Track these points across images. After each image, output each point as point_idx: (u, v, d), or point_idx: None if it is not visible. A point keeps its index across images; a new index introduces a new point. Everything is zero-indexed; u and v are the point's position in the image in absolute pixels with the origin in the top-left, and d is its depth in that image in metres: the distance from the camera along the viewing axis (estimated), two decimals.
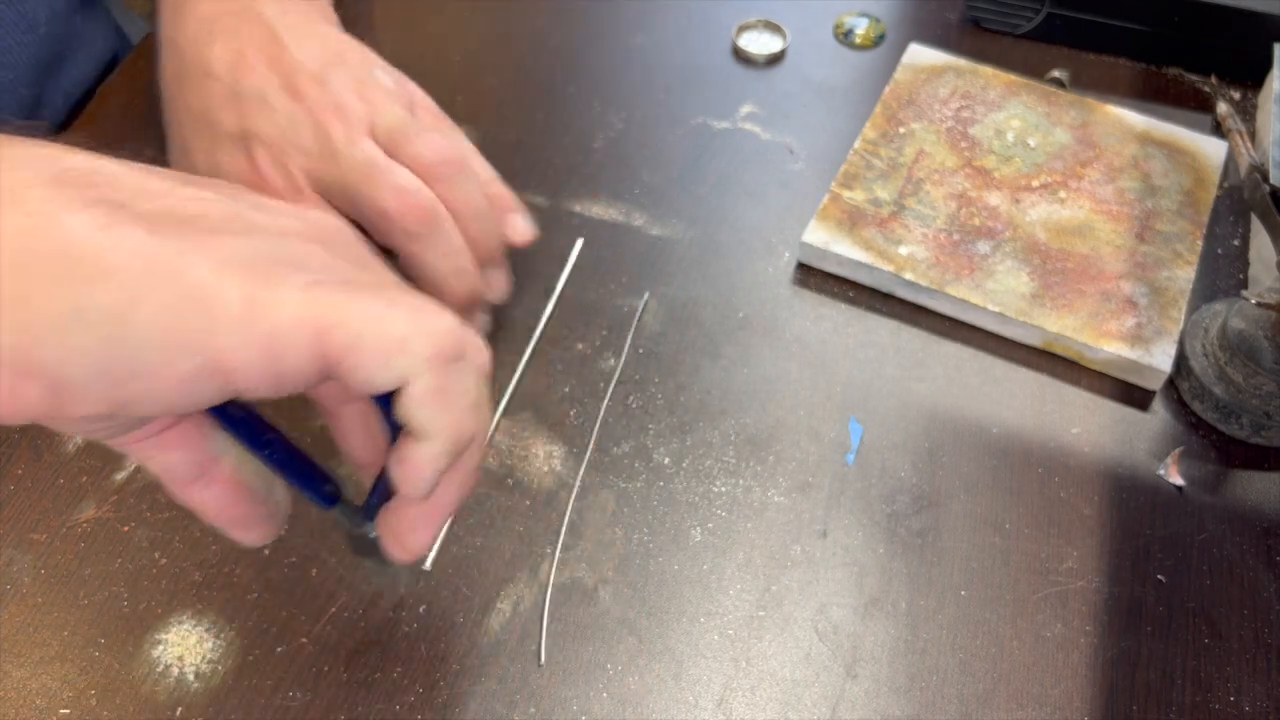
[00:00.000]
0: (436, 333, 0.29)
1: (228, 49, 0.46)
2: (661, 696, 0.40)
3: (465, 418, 0.30)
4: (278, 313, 0.27)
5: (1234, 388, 0.46)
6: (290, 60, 0.46)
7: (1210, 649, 0.42)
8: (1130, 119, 0.57)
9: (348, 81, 0.46)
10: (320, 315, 0.27)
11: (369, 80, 0.46)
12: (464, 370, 0.30)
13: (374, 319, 0.28)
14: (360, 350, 0.28)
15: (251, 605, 0.41)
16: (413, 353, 0.28)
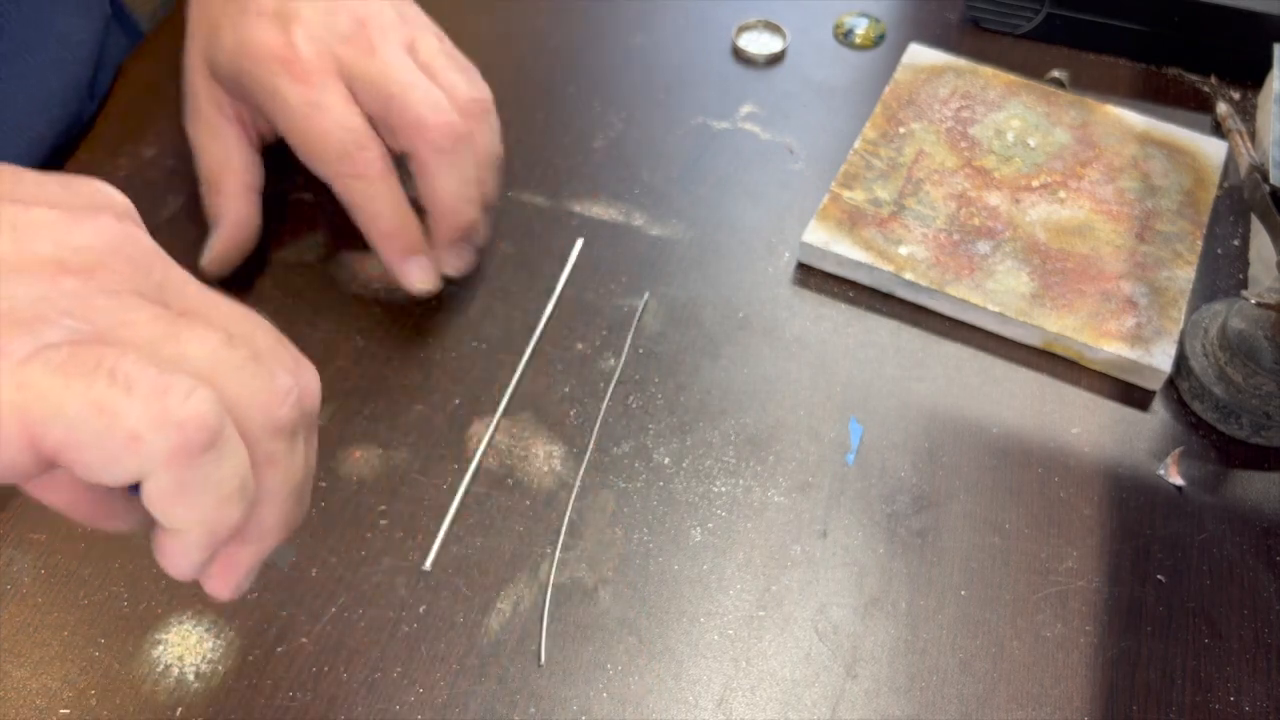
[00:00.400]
0: (179, 423, 0.24)
1: None
2: (661, 696, 0.40)
3: (222, 510, 0.26)
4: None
5: (1234, 388, 0.46)
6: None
7: (1210, 649, 0.42)
8: (1130, 119, 0.57)
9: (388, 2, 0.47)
10: (30, 406, 0.23)
11: (407, 6, 0.48)
12: (219, 458, 0.25)
13: (97, 411, 0.23)
14: (80, 448, 0.24)
15: (251, 605, 0.41)
16: (145, 452, 0.24)
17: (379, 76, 0.44)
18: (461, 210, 0.46)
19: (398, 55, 0.45)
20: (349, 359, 0.48)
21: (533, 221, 0.54)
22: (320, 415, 0.46)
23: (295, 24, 0.45)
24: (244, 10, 0.45)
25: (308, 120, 0.44)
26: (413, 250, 0.46)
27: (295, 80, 0.44)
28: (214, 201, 0.48)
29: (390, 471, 0.45)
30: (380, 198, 0.45)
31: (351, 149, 0.44)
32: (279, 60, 0.44)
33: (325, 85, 0.44)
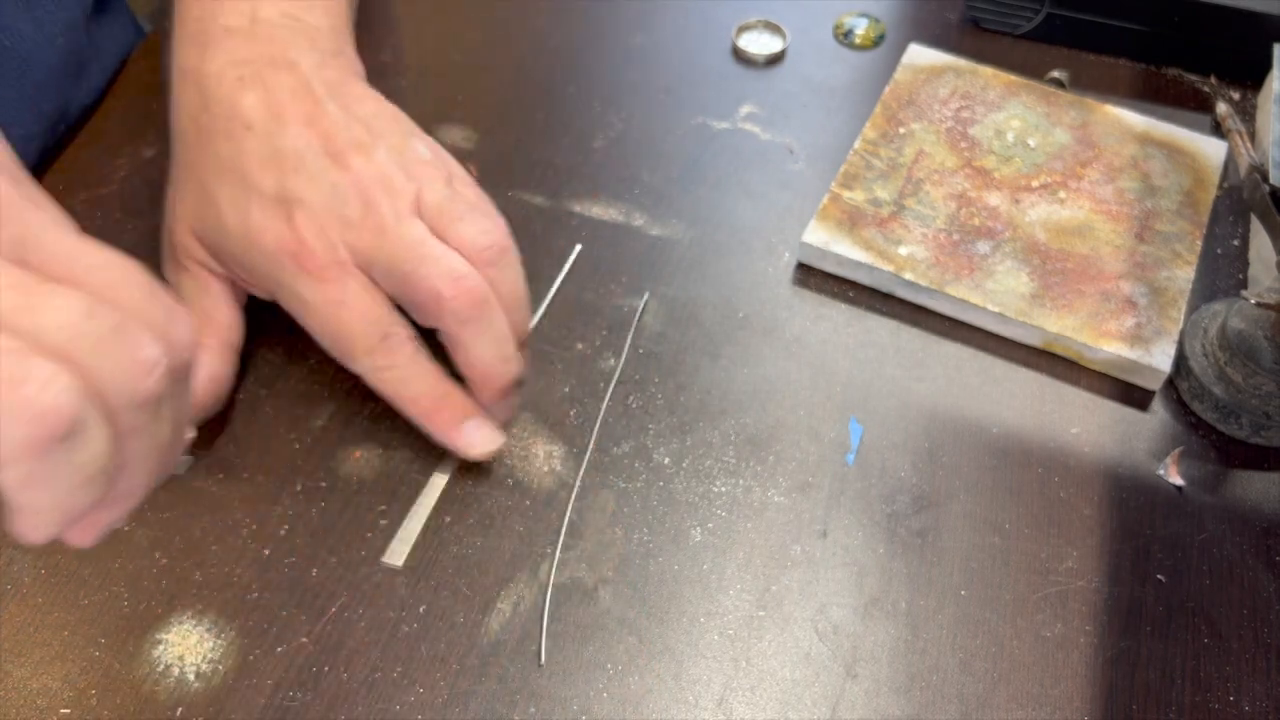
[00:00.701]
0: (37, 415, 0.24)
1: (262, 100, 0.44)
2: (661, 696, 0.40)
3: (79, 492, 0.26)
4: None
5: (1233, 388, 0.47)
6: (329, 121, 0.44)
7: (1210, 649, 0.42)
8: (1130, 119, 0.57)
9: (391, 153, 0.44)
10: None
11: (409, 151, 0.45)
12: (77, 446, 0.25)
13: None
14: None
15: (252, 605, 0.41)
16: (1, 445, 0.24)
17: (391, 258, 0.42)
18: (499, 372, 0.43)
19: (408, 230, 0.43)
20: None
21: (533, 221, 0.54)
22: (320, 415, 0.46)
23: (298, 211, 0.42)
24: (245, 190, 0.43)
25: (331, 320, 0.42)
26: (461, 418, 0.44)
27: (313, 279, 0.42)
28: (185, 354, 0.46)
29: (390, 472, 0.45)
30: (414, 380, 0.43)
31: (376, 342, 0.42)
32: (292, 257, 0.42)
33: (343, 280, 0.42)
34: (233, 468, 0.45)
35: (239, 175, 0.43)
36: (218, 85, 0.44)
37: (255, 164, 0.43)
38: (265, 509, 0.44)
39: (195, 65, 0.45)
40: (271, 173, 0.43)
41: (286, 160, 0.43)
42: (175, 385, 0.29)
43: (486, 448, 0.44)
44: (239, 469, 0.45)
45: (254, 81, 0.44)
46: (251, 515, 0.44)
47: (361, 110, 0.45)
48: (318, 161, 0.43)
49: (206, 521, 0.43)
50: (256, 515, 0.44)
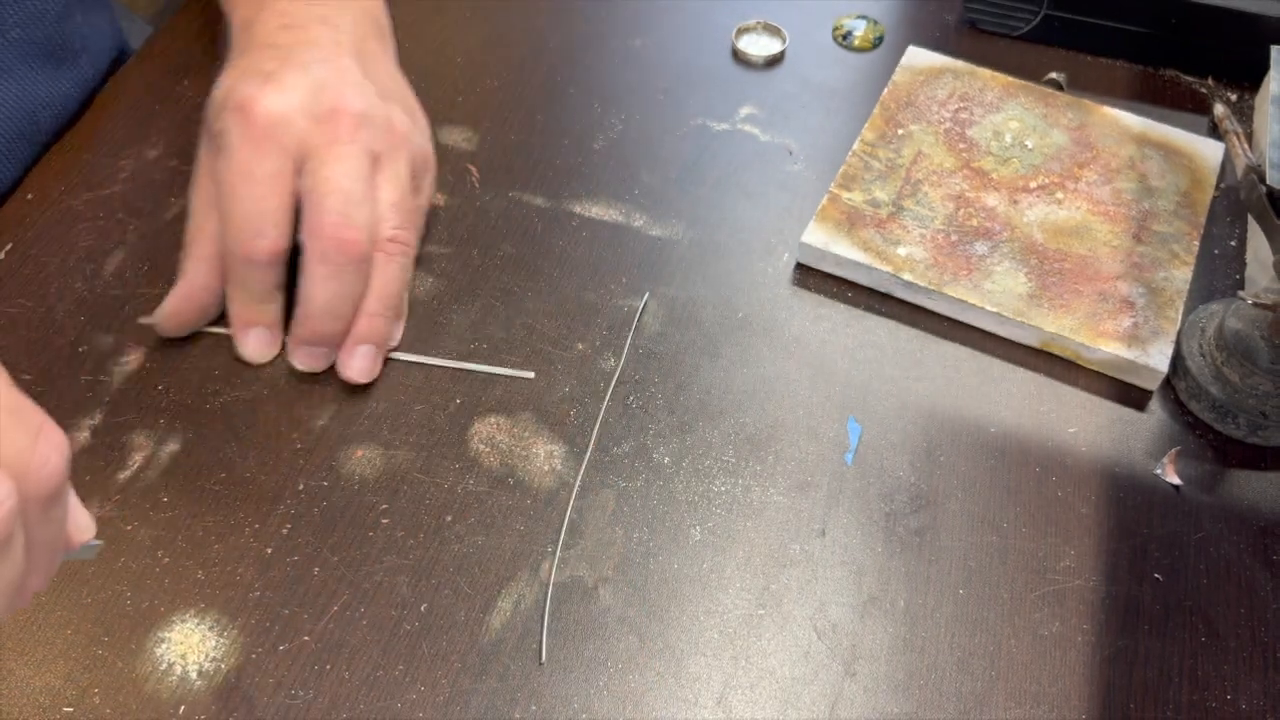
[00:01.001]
0: None
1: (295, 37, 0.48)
2: (661, 694, 0.40)
3: None
4: None
5: (1230, 388, 0.47)
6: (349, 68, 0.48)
7: (1207, 647, 0.42)
8: (1127, 120, 0.57)
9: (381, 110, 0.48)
10: None
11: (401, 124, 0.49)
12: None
13: None
14: None
15: (254, 603, 0.41)
16: None
17: (319, 166, 0.45)
18: (319, 320, 0.46)
19: (351, 155, 0.45)
20: None
21: (533, 222, 0.54)
22: (322, 415, 0.47)
23: (273, 84, 0.45)
24: (246, 69, 0.47)
25: (234, 185, 0.45)
26: (252, 324, 0.47)
27: (246, 137, 0.45)
28: (181, 262, 0.48)
29: (392, 471, 0.45)
30: (250, 283, 0.46)
31: (250, 235, 0.45)
32: (240, 110, 0.45)
33: (269, 155, 0.45)
34: (235, 467, 0.45)
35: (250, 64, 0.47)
36: (263, 30, 0.49)
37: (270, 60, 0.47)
38: (267, 508, 0.44)
39: (249, 17, 0.50)
40: (276, 63, 0.47)
41: (294, 61, 0.47)
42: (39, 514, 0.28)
43: (254, 358, 0.48)
44: (241, 468, 0.45)
45: (296, 28, 0.49)
46: (254, 514, 0.44)
47: (379, 74, 0.49)
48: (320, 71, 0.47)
49: (209, 520, 0.43)
50: (259, 514, 0.44)
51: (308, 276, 0.45)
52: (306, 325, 0.46)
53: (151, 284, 0.50)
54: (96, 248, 0.52)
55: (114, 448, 0.45)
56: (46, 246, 0.52)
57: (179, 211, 0.53)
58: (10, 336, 0.48)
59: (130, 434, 0.46)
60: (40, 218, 0.53)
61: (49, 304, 0.50)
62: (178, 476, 0.45)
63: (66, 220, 0.53)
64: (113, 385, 0.47)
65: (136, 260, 0.51)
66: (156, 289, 0.50)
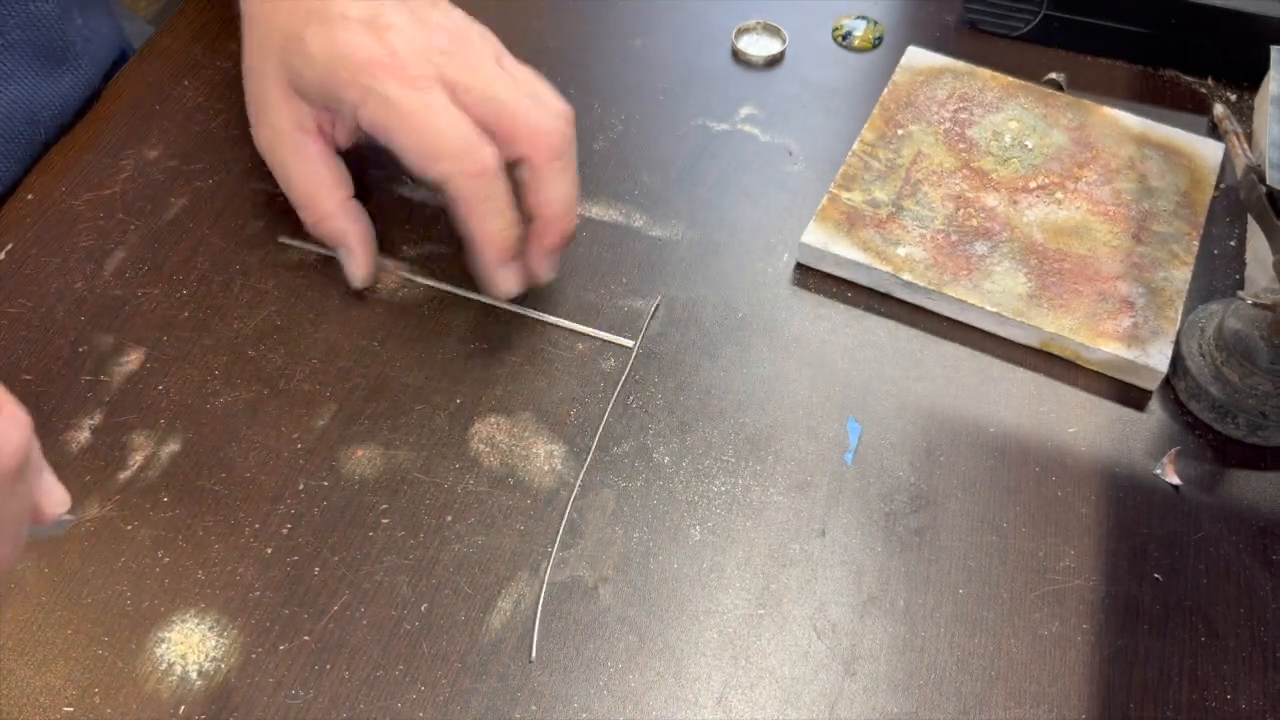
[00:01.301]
0: None
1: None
2: (661, 694, 0.40)
3: None
4: None
5: (1230, 388, 0.47)
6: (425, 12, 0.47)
7: (1206, 647, 0.42)
8: (1127, 121, 0.57)
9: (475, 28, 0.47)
10: None
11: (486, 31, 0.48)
12: None
13: None
14: None
15: (254, 603, 0.41)
16: None
17: (486, 88, 0.45)
18: (569, 216, 0.47)
19: (497, 70, 0.46)
20: (351, 359, 0.49)
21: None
22: (322, 415, 0.47)
23: (390, 32, 0.44)
24: (329, 21, 0.45)
25: (422, 120, 0.44)
26: (512, 256, 0.46)
27: (403, 84, 0.44)
28: (325, 226, 0.48)
29: (392, 471, 0.45)
30: (496, 197, 0.45)
31: (469, 146, 0.44)
32: (382, 66, 0.44)
33: (433, 89, 0.44)
34: (235, 467, 0.45)
35: (324, 13, 0.45)
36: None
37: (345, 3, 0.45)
38: (268, 508, 0.44)
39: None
40: (363, 4, 0.45)
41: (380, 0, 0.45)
42: (3, 488, 0.30)
43: (513, 290, 0.47)
44: (241, 468, 0.45)
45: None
46: (254, 514, 0.44)
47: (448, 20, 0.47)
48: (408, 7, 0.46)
49: (209, 520, 0.44)
50: (259, 514, 0.44)
51: (544, 182, 0.46)
52: (555, 229, 0.47)
53: (152, 284, 0.50)
54: (96, 248, 0.52)
55: (114, 448, 0.45)
56: (46, 246, 0.52)
57: (179, 211, 0.53)
58: (10, 336, 0.48)
59: (130, 434, 0.46)
60: (40, 218, 0.53)
61: (49, 304, 0.50)
62: (178, 476, 0.45)
63: (66, 220, 0.53)
64: (113, 385, 0.47)
65: (136, 260, 0.51)
66: (157, 289, 0.50)
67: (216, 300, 0.50)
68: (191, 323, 0.49)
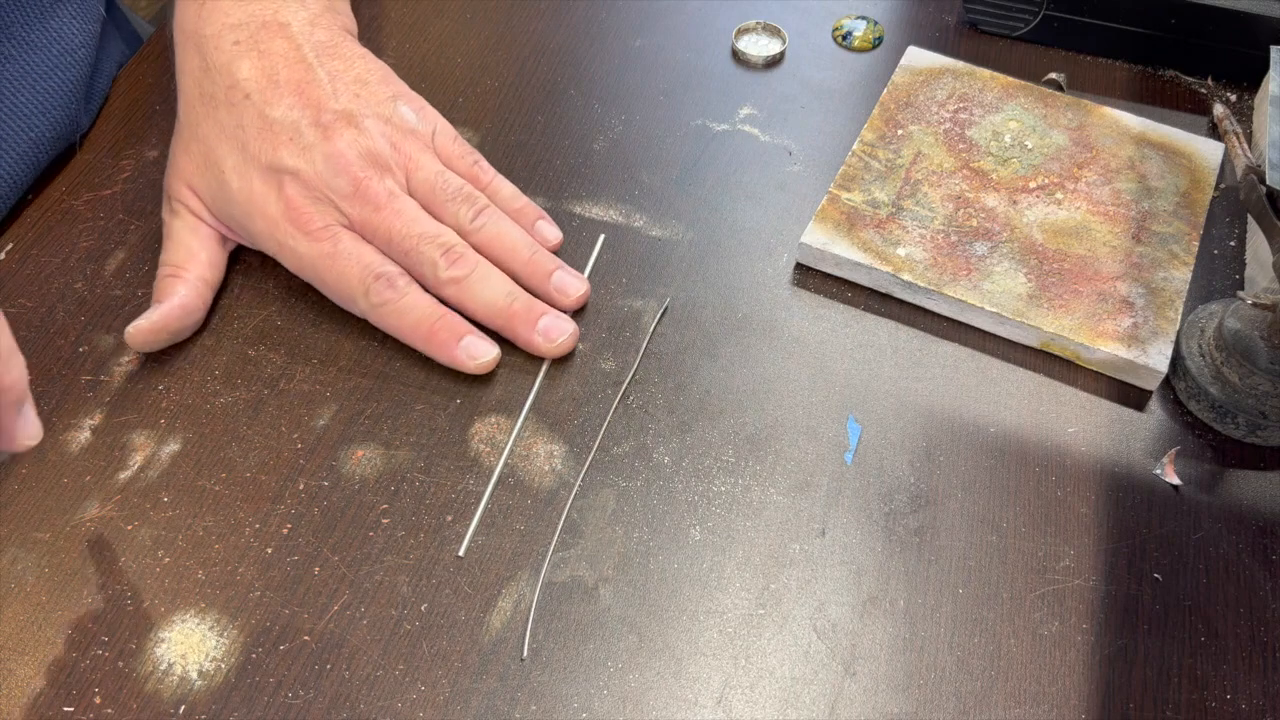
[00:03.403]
0: None
1: (257, 68, 0.48)
2: (661, 693, 0.40)
3: None
4: None
5: (1230, 388, 0.47)
6: (319, 90, 0.48)
7: (1206, 647, 0.42)
8: (1127, 121, 0.57)
9: (377, 123, 0.48)
10: None
11: (394, 120, 0.49)
12: None
13: None
14: None
15: (254, 603, 0.41)
16: None
17: (389, 233, 0.47)
18: (506, 308, 0.48)
19: (401, 204, 0.48)
20: (351, 359, 0.49)
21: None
22: (323, 415, 0.47)
23: (292, 183, 0.47)
24: (246, 159, 0.47)
25: (325, 268, 0.47)
26: (457, 337, 0.48)
27: (309, 237, 0.47)
28: (169, 283, 0.48)
29: (392, 471, 0.45)
30: (410, 310, 0.47)
31: (370, 282, 0.47)
32: (286, 219, 0.47)
33: (336, 236, 0.47)
34: (235, 467, 0.45)
35: (240, 144, 0.47)
36: (216, 51, 0.48)
37: (254, 134, 0.47)
38: (268, 508, 0.44)
39: (194, 27, 0.49)
40: (267, 143, 0.47)
41: (281, 131, 0.47)
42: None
43: (484, 359, 0.48)
44: (242, 468, 0.45)
45: (249, 47, 0.48)
46: (254, 514, 0.44)
47: (350, 74, 0.49)
48: (309, 133, 0.47)
49: (209, 520, 0.44)
50: (259, 514, 0.44)
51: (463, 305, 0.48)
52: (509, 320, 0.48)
53: (152, 284, 0.50)
54: (96, 248, 0.52)
55: (114, 448, 0.45)
56: (46, 246, 0.52)
57: None
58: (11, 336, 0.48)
59: (130, 434, 0.46)
60: (40, 218, 0.53)
61: (49, 304, 0.50)
62: (178, 476, 0.45)
63: (66, 220, 0.53)
64: (113, 385, 0.47)
65: (136, 260, 0.52)
66: None
67: (216, 300, 0.50)
68: None
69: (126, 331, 0.47)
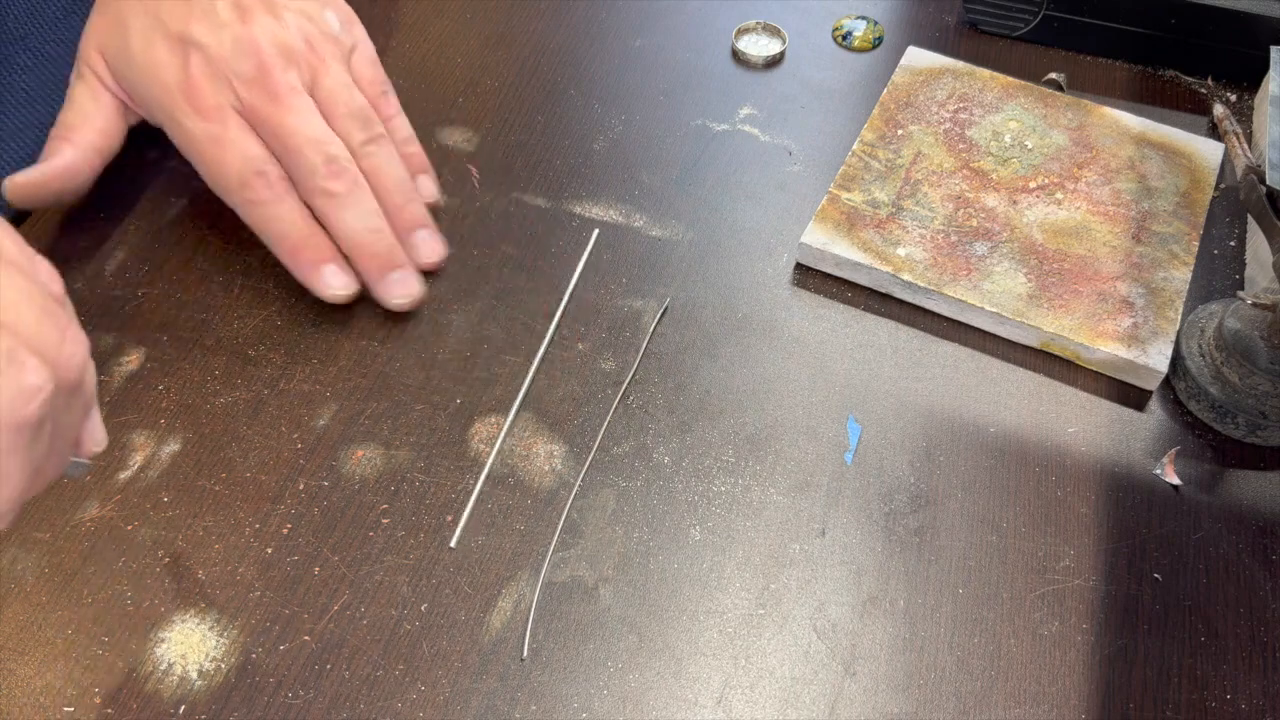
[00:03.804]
0: None
1: None
2: (661, 693, 0.40)
3: None
4: None
5: (1230, 388, 0.47)
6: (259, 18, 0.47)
7: (1206, 647, 0.42)
8: (1127, 121, 0.57)
9: (298, 18, 0.48)
10: None
11: (318, 19, 0.49)
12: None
13: None
14: None
15: (254, 603, 0.41)
16: None
17: (277, 125, 0.46)
18: (369, 241, 0.48)
19: (297, 100, 0.47)
20: (351, 359, 0.49)
21: (534, 223, 0.54)
22: (323, 415, 0.47)
23: (194, 55, 0.46)
24: (154, 24, 0.46)
25: (207, 151, 0.46)
26: (321, 261, 0.48)
27: (198, 115, 0.46)
28: (57, 144, 0.48)
29: (392, 471, 0.45)
30: (282, 217, 0.47)
31: (249, 176, 0.46)
32: (183, 94, 0.46)
33: (225, 120, 0.46)
34: (235, 467, 0.45)
35: (152, 9, 0.47)
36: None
37: (169, 2, 0.46)
38: (268, 508, 0.44)
39: None
40: (180, 13, 0.46)
41: (197, 5, 0.47)
42: (63, 403, 0.31)
43: (340, 292, 0.48)
44: (242, 468, 0.45)
45: None
46: (254, 514, 0.44)
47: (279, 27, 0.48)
48: (225, 11, 0.46)
49: (210, 520, 0.44)
50: (259, 514, 0.44)
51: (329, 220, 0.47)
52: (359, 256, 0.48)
53: (151, 284, 0.51)
54: (96, 248, 0.52)
55: (114, 448, 0.45)
56: (47, 247, 0.52)
57: (179, 211, 0.53)
58: None
59: (130, 434, 0.46)
60: (40, 218, 0.53)
61: None
62: (178, 476, 0.45)
63: (67, 220, 0.53)
64: (113, 385, 0.47)
65: (136, 260, 0.52)
66: (156, 289, 0.50)
67: (216, 300, 0.50)
68: (191, 323, 0.49)
69: (4, 184, 0.46)
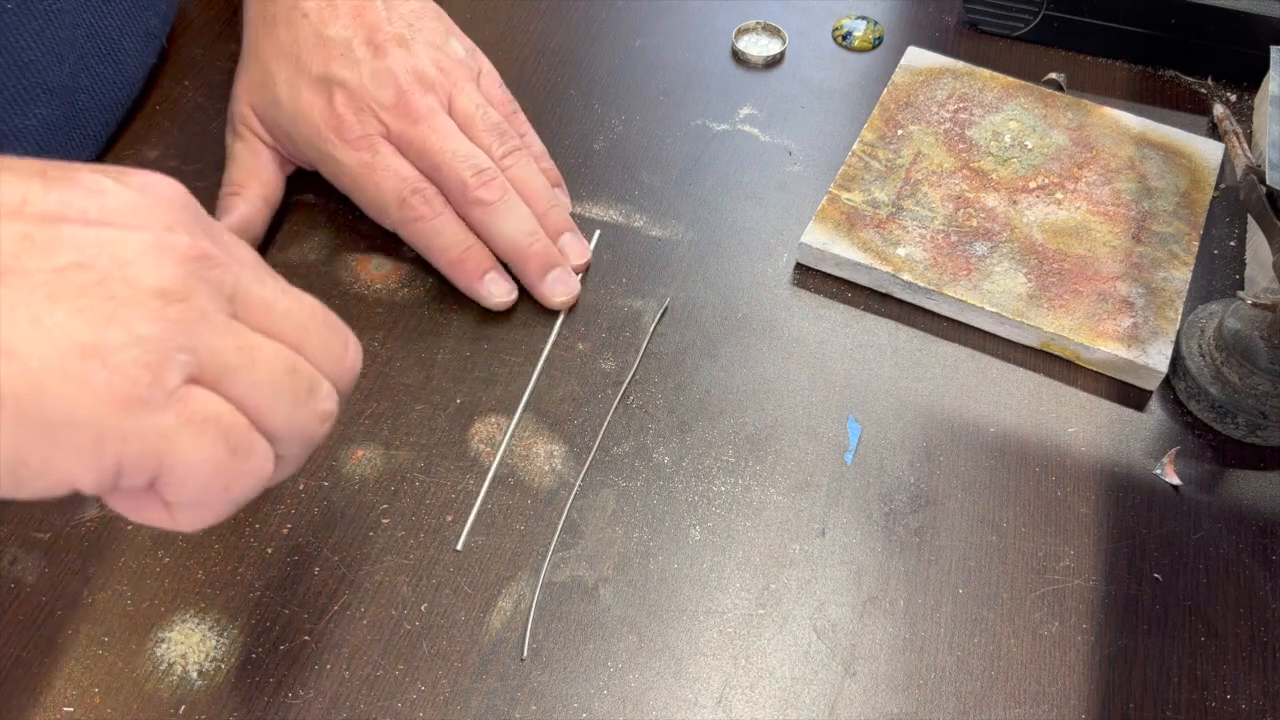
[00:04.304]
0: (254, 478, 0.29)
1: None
2: (661, 694, 0.40)
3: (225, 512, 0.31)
4: None
5: (1230, 388, 0.47)
6: (374, 14, 0.50)
7: (1206, 647, 0.42)
8: (1127, 121, 0.57)
9: (428, 49, 0.50)
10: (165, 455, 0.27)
11: (445, 48, 0.51)
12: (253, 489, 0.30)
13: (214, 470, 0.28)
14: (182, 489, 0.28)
15: (254, 603, 0.41)
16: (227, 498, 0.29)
17: (423, 145, 0.49)
18: (525, 246, 0.49)
19: (439, 120, 0.49)
20: None
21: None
22: None
23: (337, 91, 0.49)
24: (297, 71, 0.49)
25: (362, 178, 0.49)
26: (483, 270, 0.50)
27: (348, 146, 0.49)
28: (230, 200, 0.51)
29: (392, 471, 0.45)
30: (443, 232, 0.49)
31: (406, 195, 0.49)
32: (331, 129, 0.49)
33: (375, 147, 0.49)
34: None
35: (293, 58, 0.50)
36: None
37: (307, 49, 0.50)
38: (268, 508, 0.44)
39: None
40: (319, 57, 0.49)
41: (334, 47, 0.49)
42: None
43: (502, 299, 0.50)
44: None
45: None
46: (254, 514, 0.44)
47: (406, 7, 0.52)
48: (360, 50, 0.49)
49: None
50: (259, 514, 0.44)
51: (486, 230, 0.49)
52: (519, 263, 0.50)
53: None
54: None
55: None
56: None
57: None
58: None
59: None
60: None
61: None
62: None
63: None
64: None
65: None
66: None
67: None
68: None
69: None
